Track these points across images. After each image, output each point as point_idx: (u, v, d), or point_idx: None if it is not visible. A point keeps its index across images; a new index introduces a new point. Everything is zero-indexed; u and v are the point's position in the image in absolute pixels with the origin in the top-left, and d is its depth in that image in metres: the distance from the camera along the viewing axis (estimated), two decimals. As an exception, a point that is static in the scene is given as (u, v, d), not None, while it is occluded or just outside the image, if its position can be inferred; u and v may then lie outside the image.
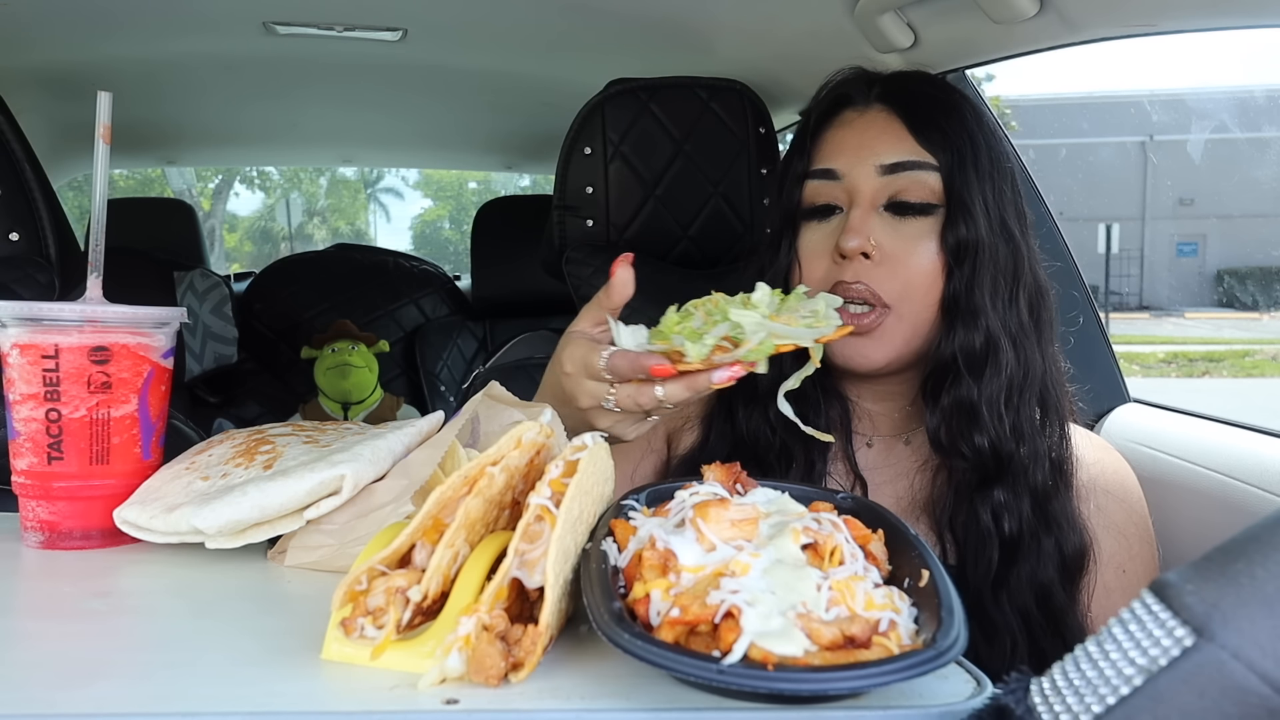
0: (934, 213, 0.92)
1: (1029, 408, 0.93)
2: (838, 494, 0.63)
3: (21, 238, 1.13)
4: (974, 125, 0.95)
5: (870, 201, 0.93)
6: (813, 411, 0.97)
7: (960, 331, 0.91)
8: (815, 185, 0.96)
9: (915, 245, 0.91)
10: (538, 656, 0.48)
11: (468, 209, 19.84)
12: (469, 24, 1.65)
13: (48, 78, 1.85)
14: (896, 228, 0.92)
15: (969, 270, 0.91)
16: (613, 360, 0.77)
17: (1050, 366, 0.96)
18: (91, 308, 0.75)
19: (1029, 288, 0.95)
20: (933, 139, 0.93)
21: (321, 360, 2.36)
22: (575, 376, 0.80)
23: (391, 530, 0.55)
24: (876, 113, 0.96)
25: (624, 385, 0.78)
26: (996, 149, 0.95)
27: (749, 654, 0.44)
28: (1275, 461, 1.10)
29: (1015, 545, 0.91)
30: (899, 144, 0.93)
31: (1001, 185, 0.94)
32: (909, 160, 0.92)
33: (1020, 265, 0.94)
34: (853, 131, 0.96)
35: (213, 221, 18.22)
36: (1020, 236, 0.95)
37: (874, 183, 0.93)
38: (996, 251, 0.91)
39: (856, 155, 0.94)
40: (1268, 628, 0.35)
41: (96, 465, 0.75)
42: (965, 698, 0.48)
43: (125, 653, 0.54)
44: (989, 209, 0.92)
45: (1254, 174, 13.83)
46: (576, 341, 0.81)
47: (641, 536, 0.53)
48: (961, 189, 0.91)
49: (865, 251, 0.90)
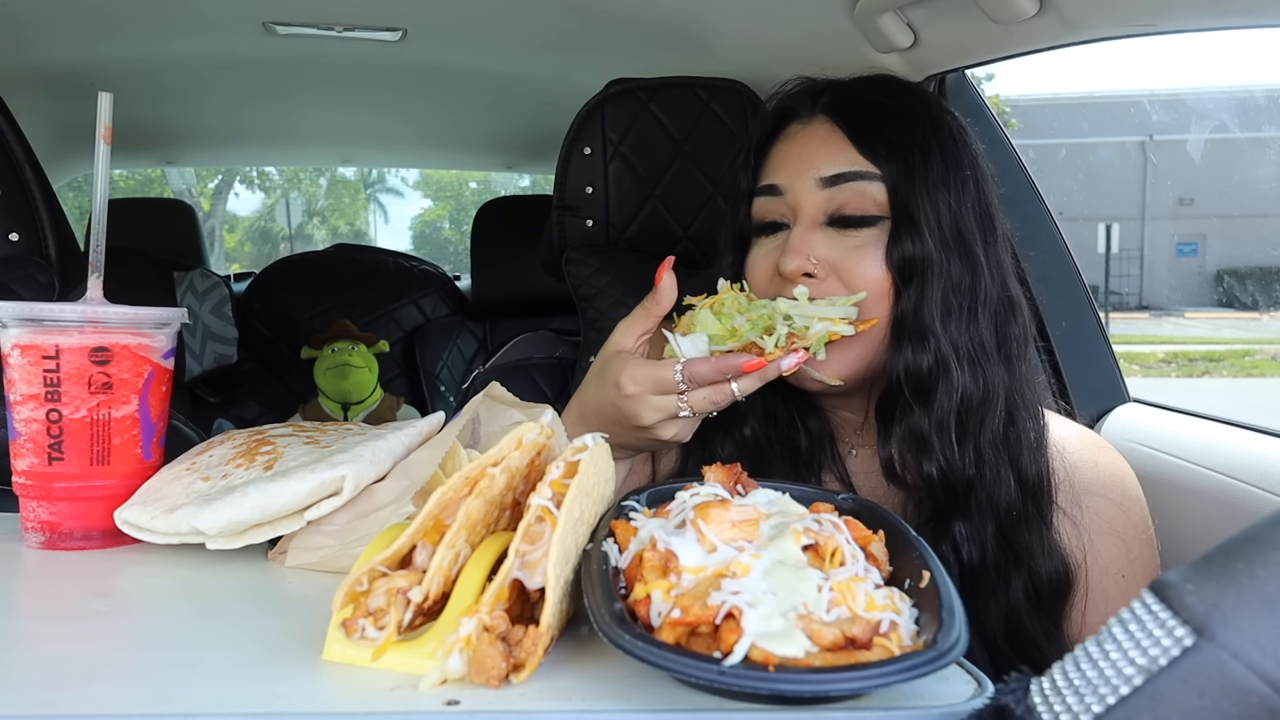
0: (878, 224, 0.89)
1: (989, 432, 0.89)
2: (839, 495, 0.63)
3: (21, 238, 1.13)
4: (928, 132, 0.91)
5: (811, 218, 0.90)
6: (793, 429, 0.97)
7: (908, 352, 0.87)
8: (761, 202, 0.94)
9: (860, 257, 0.88)
10: (539, 657, 0.48)
11: (468, 209, 19.81)
12: (469, 24, 1.65)
13: (48, 78, 1.85)
14: (840, 241, 0.89)
15: (917, 287, 0.87)
16: (690, 369, 0.80)
17: (1022, 385, 0.91)
18: (92, 308, 0.75)
19: (992, 304, 0.90)
20: (875, 149, 0.90)
21: (321, 360, 2.36)
22: (639, 396, 0.82)
23: (392, 531, 0.55)
24: (819, 124, 0.93)
25: (697, 390, 0.81)
26: (955, 157, 0.91)
27: (750, 655, 0.44)
28: (1275, 461, 1.10)
29: (979, 577, 0.87)
30: (839, 155, 0.90)
31: (960, 195, 0.90)
32: (849, 171, 0.89)
33: (979, 281, 0.89)
34: (794, 145, 0.94)
35: (213, 221, 18.21)
36: (980, 250, 0.90)
37: (815, 196, 0.90)
38: (948, 267, 0.87)
39: (798, 169, 0.91)
40: (1268, 628, 0.35)
41: (97, 466, 0.75)
42: (966, 698, 0.48)
43: (126, 653, 0.54)
44: (940, 222, 0.88)
45: (1254, 174, 13.82)
46: (630, 362, 0.83)
47: (642, 537, 0.53)
48: (907, 199, 0.88)
49: (807, 271, 0.88)
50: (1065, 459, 0.95)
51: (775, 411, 0.97)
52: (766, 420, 0.97)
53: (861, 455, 0.99)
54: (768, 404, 0.96)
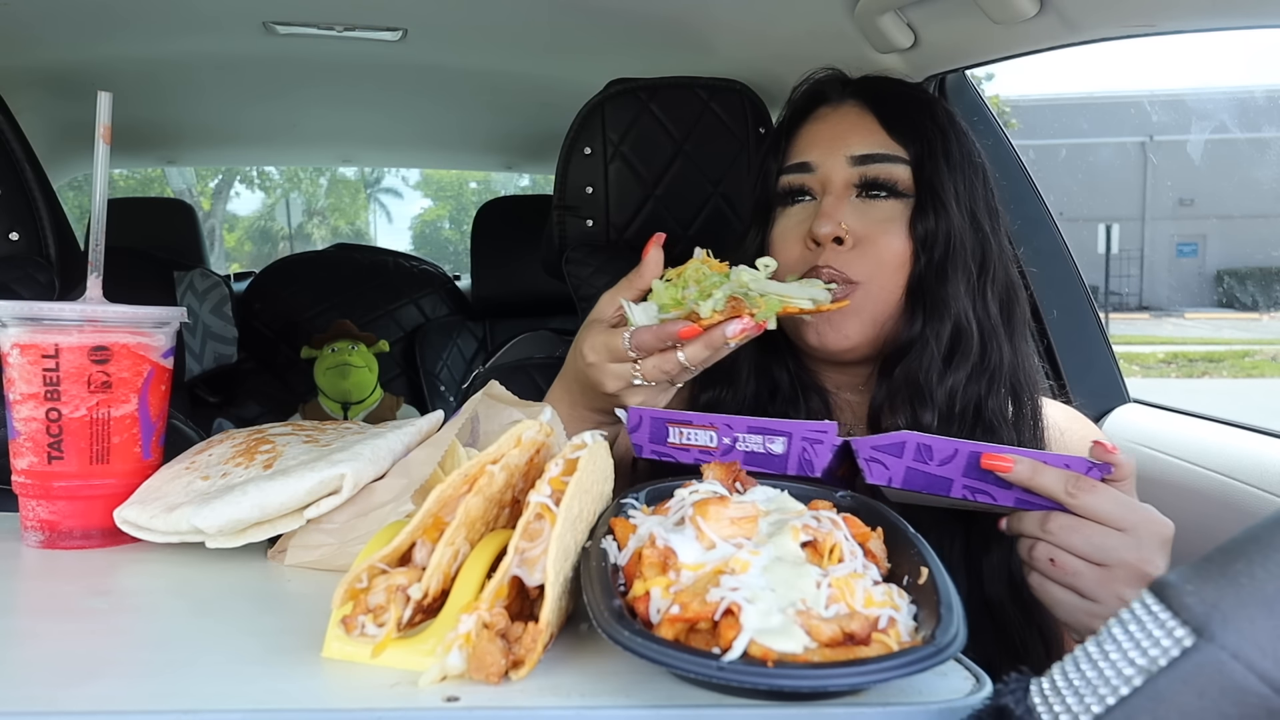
0: (903, 199, 0.94)
1: (998, 398, 0.94)
2: (837, 492, 0.63)
3: (21, 238, 1.13)
4: (945, 122, 0.97)
5: (842, 189, 0.95)
6: (791, 406, 0.99)
7: (923, 318, 0.92)
8: (790, 178, 0.99)
9: (886, 228, 0.93)
10: (538, 654, 0.48)
11: (468, 209, 19.83)
12: (469, 24, 1.65)
13: (48, 78, 1.85)
14: (867, 211, 0.94)
15: (938, 257, 0.92)
16: (636, 337, 0.82)
17: (1022, 361, 0.96)
18: (91, 307, 0.75)
19: (999, 283, 0.96)
20: (903, 131, 0.95)
21: (321, 360, 2.36)
22: (599, 364, 0.84)
23: (392, 529, 0.55)
24: (849, 107, 0.99)
25: (648, 359, 0.82)
26: (967, 146, 0.98)
27: (749, 651, 0.44)
28: (1275, 461, 1.11)
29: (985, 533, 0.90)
30: (870, 136, 0.96)
31: (973, 179, 0.96)
32: (879, 153, 0.95)
33: (989, 259, 0.95)
34: (826, 125, 0.99)
35: (213, 221, 18.23)
36: (990, 232, 0.96)
37: (846, 172, 0.95)
38: (964, 241, 0.93)
39: (829, 147, 0.96)
40: (1267, 628, 0.35)
41: (97, 465, 0.75)
42: (964, 694, 0.48)
43: (126, 651, 0.54)
44: (959, 199, 0.94)
45: (1254, 174, 13.83)
46: (594, 330, 0.85)
47: (641, 534, 0.53)
48: (931, 177, 0.93)
49: (838, 236, 0.92)
50: (1065, 440, 0.99)
51: (778, 386, 1.00)
52: (769, 396, 0.99)
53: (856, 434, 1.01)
54: (773, 379, 1.00)
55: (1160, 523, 0.71)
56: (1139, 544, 0.70)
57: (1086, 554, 0.70)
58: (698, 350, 0.81)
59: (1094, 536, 0.70)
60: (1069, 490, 0.69)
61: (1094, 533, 0.70)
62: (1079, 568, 0.70)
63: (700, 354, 0.81)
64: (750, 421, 0.76)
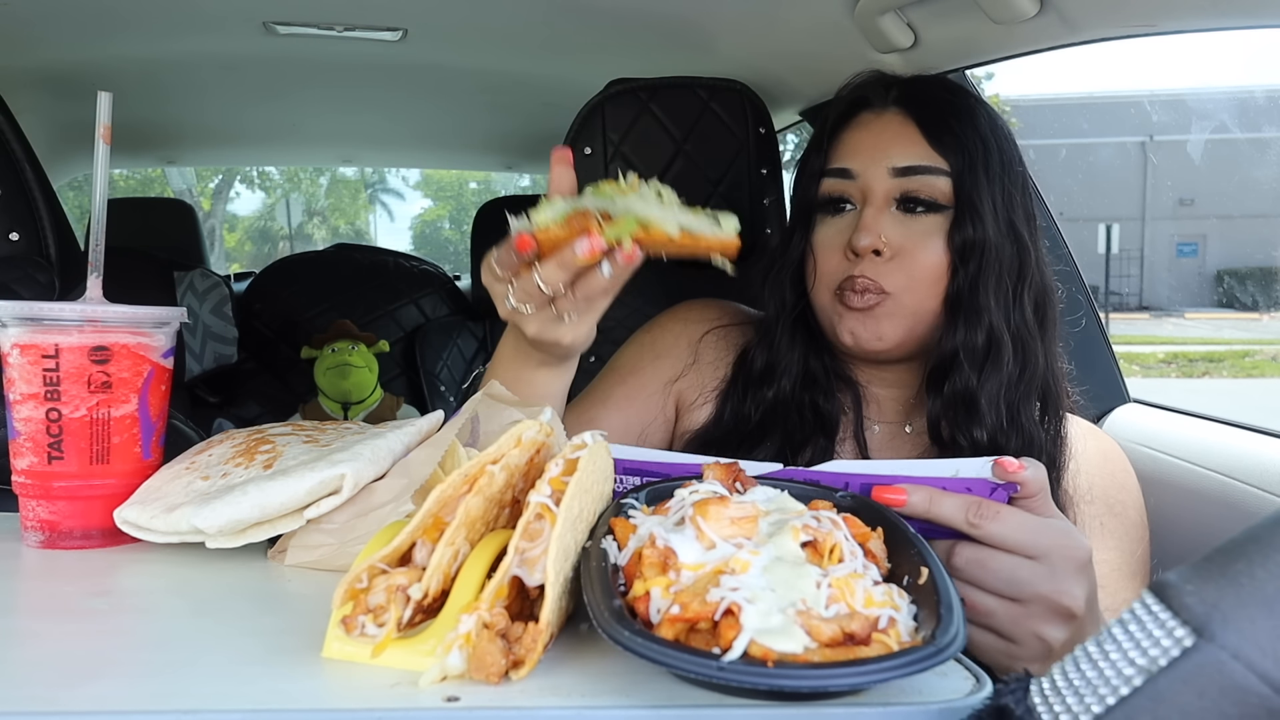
0: (943, 212, 0.95)
1: (1029, 403, 0.95)
2: (837, 492, 0.63)
3: (21, 238, 1.13)
4: (987, 129, 0.97)
5: (883, 201, 0.96)
6: (825, 395, 1.00)
7: (963, 328, 0.94)
8: (831, 183, 0.99)
9: (924, 241, 0.94)
10: (538, 654, 0.48)
11: (468, 209, 19.85)
12: (469, 24, 1.65)
13: (48, 78, 1.85)
14: (907, 224, 0.95)
15: (974, 269, 0.93)
16: (496, 255, 0.77)
17: (1052, 363, 0.98)
18: (91, 308, 0.75)
19: (1035, 287, 0.97)
20: (945, 142, 0.96)
21: (321, 360, 2.36)
22: (488, 284, 0.80)
23: (392, 529, 0.55)
24: (892, 115, 0.99)
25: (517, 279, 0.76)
26: (1009, 153, 0.98)
27: (749, 651, 0.44)
28: (1275, 461, 1.11)
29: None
30: (912, 147, 0.96)
31: (1011, 188, 0.97)
32: (921, 165, 0.95)
33: (1026, 265, 0.96)
34: (869, 133, 0.99)
35: (213, 221, 18.23)
36: (1028, 238, 0.97)
37: (886, 184, 0.96)
38: (1002, 252, 0.94)
39: (871, 156, 0.97)
40: (1268, 628, 0.35)
41: (97, 465, 0.75)
42: (964, 694, 0.48)
43: (126, 651, 0.54)
44: (997, 211, 0.95)
45: (1254, 174, 13.83)
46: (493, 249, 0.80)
47: (641, 534, 0.53)
48: (971, 191, 0.94)
49: (876, 249, 0.93)
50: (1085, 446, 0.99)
51: (814, 376, 1.01)
52: (804, 383, 1.01)
53: (883, 432, 1.04)
54: (811, 369, 1.01)
55: (1075, 545, 0.67)
56: (1052, 573, 0.65)
57: (997, 589, 0.65)
58: (551, 271, 0.73)
59: (1002, 570, 0.65)
60: (970, 520, 0.65)
61: (1003, 565, 0.65)
62: (991, 606, 0.66)
63: (554, 275, 0.73)
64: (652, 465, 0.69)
